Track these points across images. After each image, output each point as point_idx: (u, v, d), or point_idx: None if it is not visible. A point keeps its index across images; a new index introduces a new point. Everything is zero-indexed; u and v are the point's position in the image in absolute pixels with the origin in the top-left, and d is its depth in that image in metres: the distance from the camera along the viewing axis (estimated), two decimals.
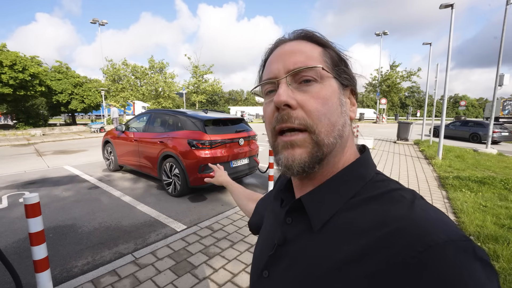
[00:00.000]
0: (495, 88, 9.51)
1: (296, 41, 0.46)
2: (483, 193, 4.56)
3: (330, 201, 0.43)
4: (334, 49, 0.46)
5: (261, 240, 0.57)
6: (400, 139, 12.11)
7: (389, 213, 0.37)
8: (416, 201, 0.38)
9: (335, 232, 0.40)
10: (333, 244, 0.39)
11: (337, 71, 0.45)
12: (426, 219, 0.34)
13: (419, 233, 0.32)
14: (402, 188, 0.42)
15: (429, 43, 11.73)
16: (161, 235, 3.20)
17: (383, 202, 0.39)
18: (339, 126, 0.43)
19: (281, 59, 0.45)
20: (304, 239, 0.43)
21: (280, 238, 0.47)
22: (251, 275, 0.55)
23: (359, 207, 0.40)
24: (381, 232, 0.35)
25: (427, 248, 0.31)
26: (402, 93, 33.41)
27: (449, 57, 7.68)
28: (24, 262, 2.63)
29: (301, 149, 0.42)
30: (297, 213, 0.47)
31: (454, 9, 7.59)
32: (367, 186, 0.43)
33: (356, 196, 0.42)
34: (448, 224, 0.34)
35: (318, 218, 0.42)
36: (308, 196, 0.45)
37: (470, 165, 6.90)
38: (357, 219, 0.39)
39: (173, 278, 2.34)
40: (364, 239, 0.36)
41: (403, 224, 0.34)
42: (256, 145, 5.25)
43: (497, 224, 3.33)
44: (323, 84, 0.43)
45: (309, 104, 0.42)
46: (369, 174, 0.44)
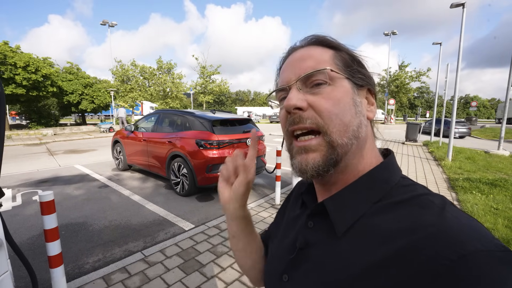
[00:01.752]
0: (507, 88, 9.29)
1: (306, 47, 0.47)
2: (494, 195, 4.46)
3: (354, 205, 0.42)
4: (346, 51, 0.46)
5: (275, 246, 0.56)
6: (408, 140, 11.93)
7: (418, 219, 0.35)
8: (446, 207, 0.36)
9: (360, 237, 0.39)
10: (357, 249, 0.38)
11: (350, 71, 0.44)
12: (459, 226, 0.33)
13: (451, 242, 0.31)
14: (431, 193, 0.40)
15: (439, 43, 11.54)
16: (170, 234, 3.25)
17: (411, 208, 0.37)
18: (354, 127, 0.42)
19: (292, 67, 0.46)
20: (327, 243, 0.42)
21: (302, 241, 0.46)
22: (268, 281, 0.54)
23: (385, 212, 0.39)
24: (410, 239, 0.33)
25: (461, 257, 0.29)
26: (411, 94, 32.89)
27: (460, 57, 7.54)
28: (38, 257, 2.71)
29: (315, 153, 0.42)
30: (319, 217, 0.46)
31: (465, 8, 7.46)
32: (393, 190, 0.41)
33: (382, 200, 0.41)
34: (483, 232, 0.32)
35: (342, 222, 0.41)
36: (331, 200, 0.44)
37: (481, 167, 6.76)
38: (383, 225, 0.38)
39: (182, 276, 2.37)
40: (391, 246, 0.35)
41: (434, 231, 0.32)
42: (263, 146, 5.27)
43: (508, 227, 3.26)
44: (334, 86, 0.43)
45: (320, 104, 0.42)
46: (394, 178, 0.43)
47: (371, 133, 0.47)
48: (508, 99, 9.33)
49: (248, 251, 0.62)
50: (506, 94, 9.38)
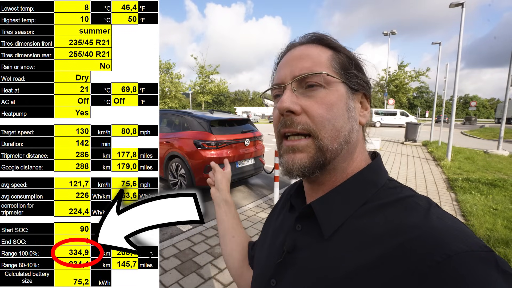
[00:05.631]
0: (507, 88, 9.31)
1: (306, 45, 0.46)
2: (493, 195, 4.46)
3: (341, 207, 0.42)
4: (345, 53, 0.45)
5: (264, 252, 0.55)
6: (408, 140, 11.95)
7: (404, 220, 0.36)
8: (431, 209, 0.37)
9: (347, 239, 0.39)
10: (344, 251, 0.38)
11: (346, 75, 0.44)
12: (443, 228, 0.33)
13: (437, 243, 0.31)
14: (416, 195, 0.40)
15: (438, 42, 11.56)
16: (167, 235, 3.23)
17: (397, 209, 0.38)
18: (345, 132, 0.42)
19: (288, 65, 0.45)
20: (314, 246, 0.42)
21: (290, 245, 0.46)
22: (256, 286, 0.53)
23: (371, 214, 0.39)
24: (396, 241, 0.34)
25: (445, 258, 0.29)
26: (410, 94, 33.01)
27: (459, 57, 7.54)
28: None
29: (302, 154, 0.43)
30: (307, 220, 0.46)
31: (464, 7, 7.46)
32: (379, 192, 0.42)
33: (368, 202, 0.41)
34: (467, 233, 0.33)
35: (329, 224, 0.41)
36: (319, 202, 0.44)
37: (480, 167, 6.76)
38: (369, 226, 0.38)
39: (179, 277, 2.35)
40: (377, 247, 0.35)
41: (419, 233, 0.33)
42: (262, 146, 5.25)
43: (508, 227, 3.25)
44: (329, 90, 0.42)
45: (313, 110, 0.42)
46: (381, 181, 0.44)
47: (362, 137, 0.47)
48: (508, 99, 9.34)
49: (229, 235, 0.71)
50: (505, 94, 9.40)
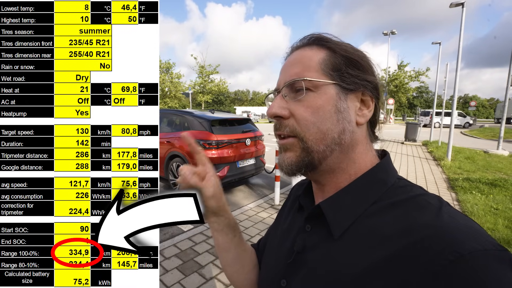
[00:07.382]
0: (507, 88, 9.29)
1: (302, 48, 0.47)
2: (494, 195, 4.45)
3: (351, 207, 0.42)
4: (342, 52, 0.44)
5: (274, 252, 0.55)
6: (408, 140, 11.93)
7: (415, 220, 0.35)
8: (443, 207, 0.36)
9: (357, 239, 0.39)
10: (355, 251, 0.38)
11: (339, 75, 0.43)
12: (456, 226, 0.33)
13: (449, 242, 0.31)
14: (427, 193, 0.40)
15: (438, 42, 11.55)
16: (168, 235, 3.23)
17: (408, 208, 0.37)
18: (333, 134, 0.42)
19: (283, 71, 0.48)
20: (325, 246, 0.43)
21: (300, 245, 0.46)
22: (265, 286, 0.53)
23: (382, 213, 0.39)
24: (407, 240, 0.34)
25: (458, 257, 0.29)
26: (410, 93, 32.98)
27: (459, 57, 7.54)
28: None
29: (290, 153, 0.45)
30: (316, 220, 0.46)
31: (464, 7, 7.45)
32: (389, 191, 0.42)
33: (378, 202, 0.41)
34: (480, 232, 0.32)
35: (338, 224, 0.41)
36: (328, 202, 0.44)
37: (480, 167, 6.75)
38: (379, 226, 0.38)
39: (180, 277, 2.35)
40: (388, 247, 0.35)
41: (431, 232, 0.33)
42: (262, 146, 5.25)
43: (509, 227, 3.25)
44: (316, 93, 0.43)
45: (299, 114, 0.43)
46: (390, 179, 0.43)
47: (364, 137, 0.46)
48: (507, 99, 9.33)
49: (238, 265, 0.59)
50: (505, 93, 9.39)
